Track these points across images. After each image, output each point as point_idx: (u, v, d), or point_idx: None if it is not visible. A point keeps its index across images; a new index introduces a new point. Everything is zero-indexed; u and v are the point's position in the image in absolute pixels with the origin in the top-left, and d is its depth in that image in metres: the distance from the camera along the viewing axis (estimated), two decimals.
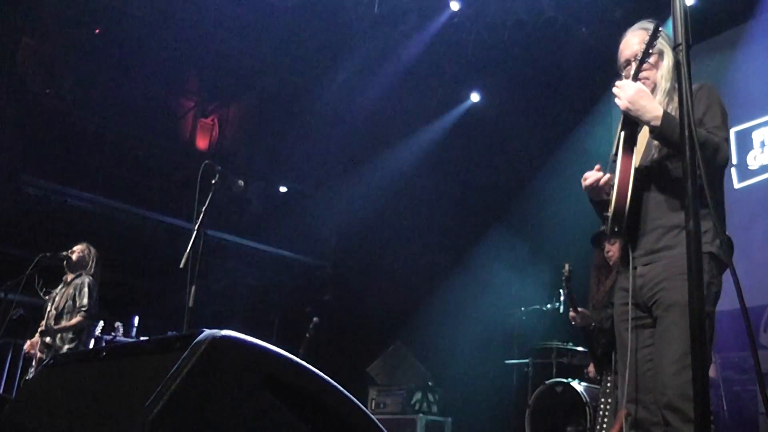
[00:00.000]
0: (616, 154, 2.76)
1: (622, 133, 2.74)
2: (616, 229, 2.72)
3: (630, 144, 2.74)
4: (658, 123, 2.60)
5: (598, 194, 2.94)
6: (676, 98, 2.72)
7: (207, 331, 1.48)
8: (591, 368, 5.65)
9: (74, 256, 6.43)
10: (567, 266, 4.75)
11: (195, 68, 12.91)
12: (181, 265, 4.09)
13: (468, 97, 10.28)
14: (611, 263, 4.58)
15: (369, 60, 10.08)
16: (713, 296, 2.66)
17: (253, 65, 11.93)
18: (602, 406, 4.70)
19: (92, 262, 6.51)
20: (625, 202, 2.66)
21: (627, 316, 2.78)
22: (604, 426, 4.48)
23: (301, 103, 11.79)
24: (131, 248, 10.54)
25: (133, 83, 11.84)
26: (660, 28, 2.80)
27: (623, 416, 2.78)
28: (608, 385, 4.71)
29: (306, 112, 11.61)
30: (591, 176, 2.92)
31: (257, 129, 13.42)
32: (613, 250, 4.47)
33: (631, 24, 3.14)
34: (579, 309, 4.56)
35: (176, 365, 1.41)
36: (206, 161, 4.46)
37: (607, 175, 2.90)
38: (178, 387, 1.37)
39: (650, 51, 2.82)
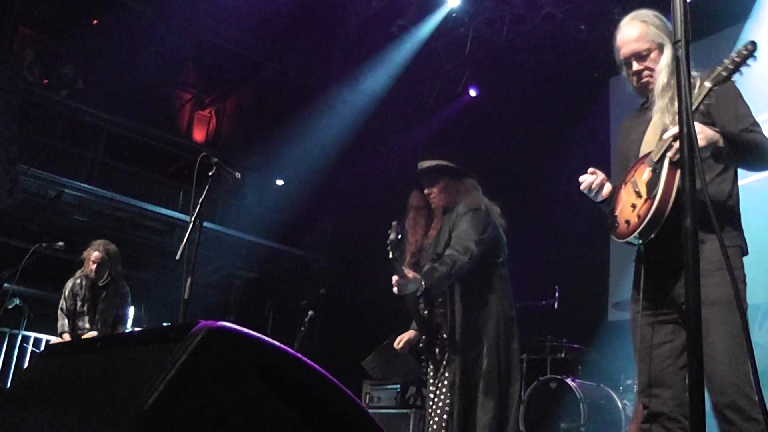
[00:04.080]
0: (659, 162, 2.69)
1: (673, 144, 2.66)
2: (652, 235, 2.70)
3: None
4: (722, 144, 2.61)
5: (595, 196, 3.02)
6: (670, 94, 2.74)
7: (202, 322, 1.48)
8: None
9: (95, 267, 6.32)
10: (394, 224, 3.74)
11: (193, 61, 12.90)
12: (178, 257, 4.09)
13: (466, 92, 10.28)
14: (433, 206, 4.17)
15: (367, 54, 10.08)
16: (745, 291, 2.65)
17: (251, 58, 11.92)
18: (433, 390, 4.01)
19: (112, 260, 6.45)
20: (665, 210, 2.63)
21: (648, 312, 2.79)
22: (435, 419, 3.87)
23: (298, 96, 11.78)
24: (127, 240, 10.53)
25: (130, 75, 11.82)
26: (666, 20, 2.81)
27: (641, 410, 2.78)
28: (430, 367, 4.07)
29: (303, 105, 11.60)
30: (586, 180, 3.01)
31: (254, 122, 13.40)
32: (434, 192, 4.12)
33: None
34: (409, 274, 3.70)
35: (171, 356, 1.41)
36: (203, 153, 4.46)
37: (601, 177, 3.00)
38: (173, 378, 1.37)
39: (648, 49, 2.92)
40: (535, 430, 6.56)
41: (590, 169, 3.01)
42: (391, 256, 3.60)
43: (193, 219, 4.19)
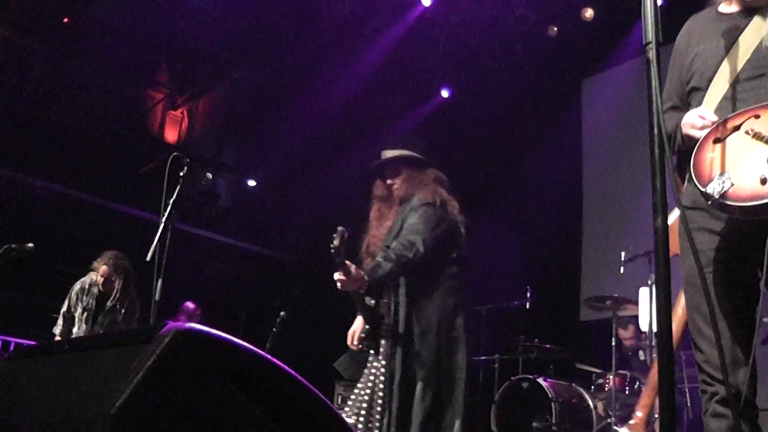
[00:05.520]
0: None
1: None
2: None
3: None
4: None
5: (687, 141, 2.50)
6: None
7: (171, 324, 1.46)
8: None
9: (103, 282, 6.19)
10: (340, 230, 3.59)
11: (165, 60, 12.79)
12: (148, 258, 4.06)
13: (439, 93, 10.30)
14: (395, 196, 4.13)
15: (340, 55, 10.06)
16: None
17: (225, 58, 11.85)
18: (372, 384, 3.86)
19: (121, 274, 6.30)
20: None
21: (725, 268, 2.43)
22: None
23: (272, 97, 11.73)
24: (98, 241, 10.41)
25: (102, 74, 11.69)
26: None
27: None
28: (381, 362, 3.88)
29: (276, 106, 11.55)
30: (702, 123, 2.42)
31: (227, 122, 13.33)
32: (396, 182, 4.09)
33: (601, 23, 3.12)
34: (353, 270, 3.62)
35: (139, 358, 1.39)
36: (174, 153, 4.42)
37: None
38: (141, 380, 1.35)
39: None
40: (508, 430, 6.59)
41: (701, 116, 2.43)
42: (336, 260, 3.57)
43: (164, 220, 4.16)
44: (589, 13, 8.22)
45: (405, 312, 3.80)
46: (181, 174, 4.33)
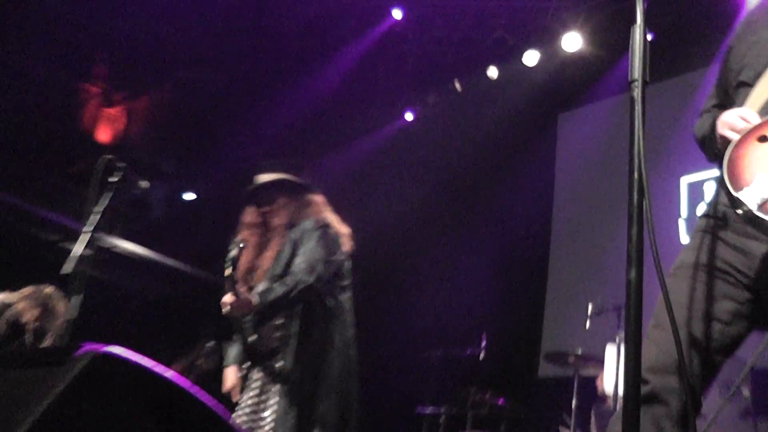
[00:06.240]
0: None
1: None
2: None
3: None
4: None
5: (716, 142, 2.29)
6: None
7: (87, 345, 1.44)
8: None
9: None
10: (237, 240, 3.82)
11: (105, 50, 12.64)
12: (66, 271, 3.97)
13: (402, 115, 10.32)
14: (272, 225, 4.13)
15: (301, 64, 10.07)
16: None
17: (173, 55, 11.76)
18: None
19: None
20: None
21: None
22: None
23: (221, 103, 11.67)
24: (9, 248, 10.21)
25: (31, 61, 11.51)
26: None
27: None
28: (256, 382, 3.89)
29: (226, 114, 11.49)
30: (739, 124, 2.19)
31: (169, 126, 13.21)
32: (272, 210, 4.09)
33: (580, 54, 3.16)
34: (242, 294, 3.67)
35: (51, 381, 1.36)
36: (107, 155, 4.36)
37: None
38: (51, 406, 1.32)
39: None
40: None
41: (743, 117, 2.18)
42: (228, 273, 3.54)
43: (88, 229, 4.09)
44: (493, 71, 8.53)
45: (297, 347, 3.74)
46: (113, 180, 4.27)
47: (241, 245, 3.62)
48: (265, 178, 4.16)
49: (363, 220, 9.32)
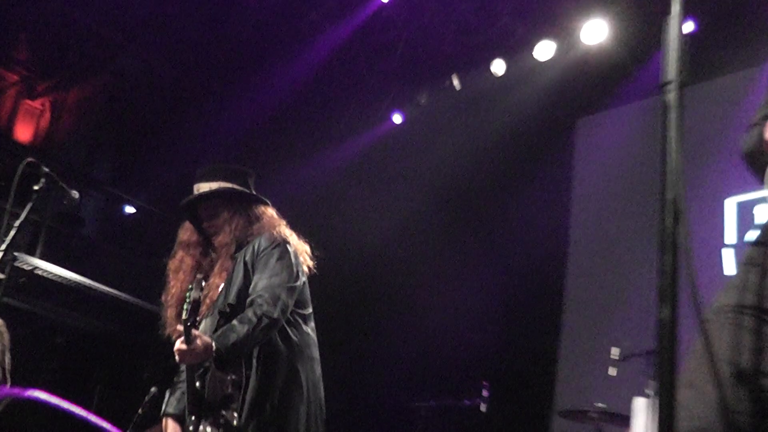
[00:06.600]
0: None
1: None
2: None
3: None
4: None
5: None
6: None
7: (4, 390, 1.44)
8: None
9: None
10: (198, 278, 3.65)
11: (29, 31, 12.62)
12: None
13: (389, 117, 10.31)
14: (216, 243, 4.09)
15: (267, 53, 10.06)
16: None
17: (111, 40, 11.75)
18: None
19: None
20: None
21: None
22: None
23: (167, 99, 11.65)
24: None
25: None
26: None
27: None
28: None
29: (173, 112, 11.47)
30: None
31: (105, 125, 13.18)
32: (216, 224, 4.06)
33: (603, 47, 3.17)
34: (199, 340, 3.49)
35: None
36: (29, 159, 4.35)
37: None
38: None
39: None
40: None
41: None
42: (185, 317, 3.40)
43: (4, 247, 4.07)
44: (498, 66, 8.58)
45: (257, 391, 3.64)
46: (36, 188, 4.26)
47: (203, 283, 3.53)
48: (204, 187, 4.09)
49: (339, 241, 9.36)
